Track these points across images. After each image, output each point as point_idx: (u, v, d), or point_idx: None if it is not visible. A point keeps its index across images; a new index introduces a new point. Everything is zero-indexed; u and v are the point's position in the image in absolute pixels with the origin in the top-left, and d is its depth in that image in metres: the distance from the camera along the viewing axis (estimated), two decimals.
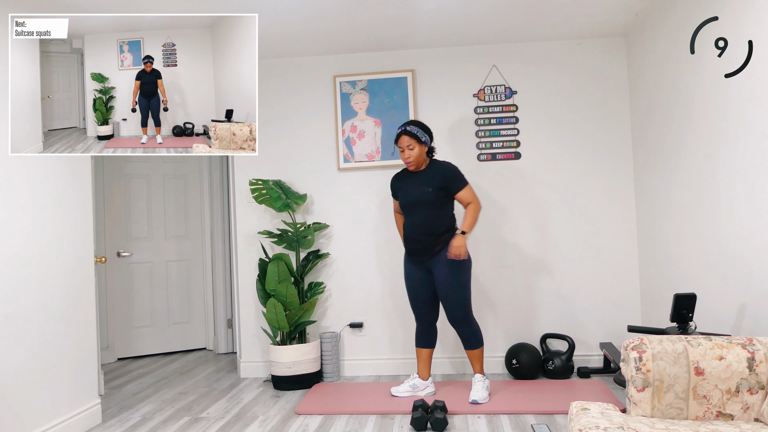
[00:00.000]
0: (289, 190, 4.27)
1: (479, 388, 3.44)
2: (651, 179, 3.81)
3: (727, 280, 2.86)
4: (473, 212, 3.45)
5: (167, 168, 5.46)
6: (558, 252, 4.21)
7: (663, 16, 3.45)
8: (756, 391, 1.92)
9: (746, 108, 2.60)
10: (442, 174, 3.46)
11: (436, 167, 3.51)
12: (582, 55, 4.22)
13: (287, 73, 4.42)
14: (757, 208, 2.57)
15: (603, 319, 4.18)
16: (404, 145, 3.47)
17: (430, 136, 3.52)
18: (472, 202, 3.46)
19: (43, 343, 2.95)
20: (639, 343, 2.04)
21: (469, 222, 3.43)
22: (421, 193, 3.45)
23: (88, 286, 3.35)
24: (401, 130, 3.49)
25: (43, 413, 2.93)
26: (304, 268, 4.21)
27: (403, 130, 3.48)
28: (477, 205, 3.47)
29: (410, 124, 3.50)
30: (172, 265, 5.44)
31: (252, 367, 4.41)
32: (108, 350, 5.11)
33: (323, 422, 3.26)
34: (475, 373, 3.53)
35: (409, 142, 3.45)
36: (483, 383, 3.47)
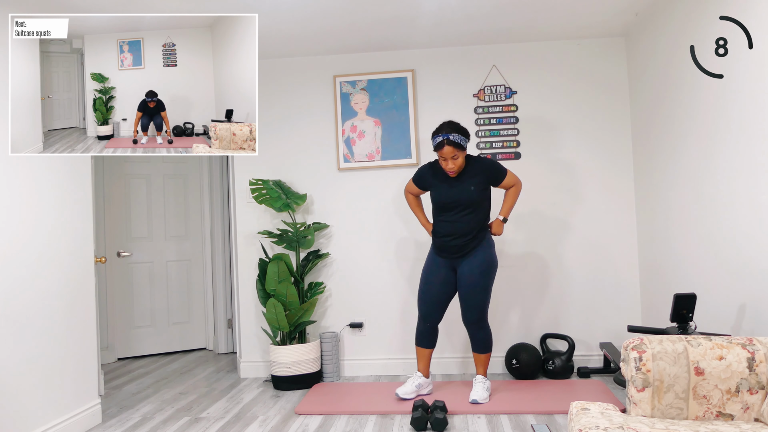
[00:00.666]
0: (289, 190, 4.27)
1: (480, 389, 3.43)
2: (651, 179, 3.81)
3: (727, 280, 2.86)
4: (514, 195, 3.49)
5: (167, 168, 5.46)
6: (558, 252, 4.21)
7: (663, 16, 3.45)
8: (756, 391, 1.92)
9: (746, 107, 2.60)
10: (483, 172, 3.40)
11: (475, 164, 3.42)
12: (582, 55, 4.22)
13: (287, 73, 4.42)
14: (757, 208, 2.56)
15: (603, 319, 4.18)
16: (448, 155, 3.29)
17: (468, 136, 3.36)
18: (515, 185, 3.48)
19: (43, 343, 2.95)
20: (639, 343, 2.04)
21: (509, 206, 3.48)
22: (463, 192, 3.37)
23: (88, 286, 3.35)
24: (443, 140, 3.27)
25: (43, 413, 2.93)
26: (304, 268, 4.21)
27: (447, 140, 3.27)
28: (519, 186, 3.50)
29: (450, 130, 3.29)
30: (172, 265, 5.44)
31: (252, 367, 4.41)
32: (108, 350, 5.11)
33: (323, 422, 3.26)
34: (477, 374, 3.53)
35: (453, 152, 3.28)
36: (484, 384, 3.47)
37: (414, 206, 3.69)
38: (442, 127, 3.34)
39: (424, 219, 3.67)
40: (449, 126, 3.32)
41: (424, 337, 3.59)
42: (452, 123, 3.33)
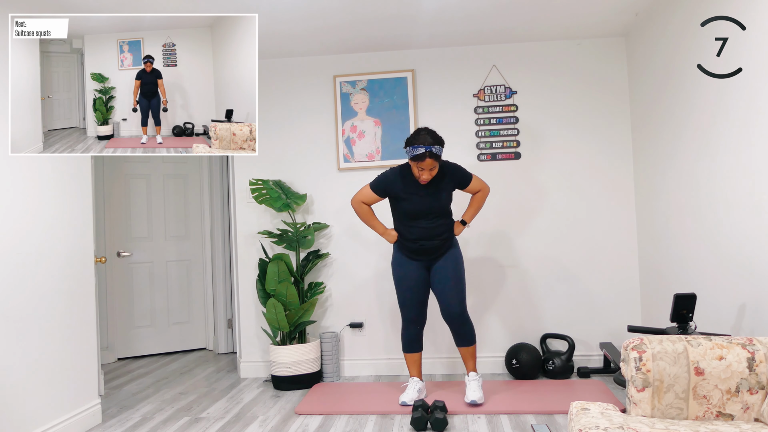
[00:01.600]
0: (289, 190, 4.27)
1: (476, 387, 3.40)
2: (651, 179, 3.81)
3: (727, 280, 2.86)
4: (481, 200, 3.51)
5: (167, 168, 5.46)
6: (558, 252, 4.21)
7: (663, 16, 3.45)
8: (756, 391, 1.92)
9: (747, 107, 2.60)
10: (452, 178, 3.41)
11: (444, 171, 3.40)
12: (582, 55, 4.22)
13: (287, 73, 4.42)
14: (757, 207, 2.56)
15: (603, 319, 4.18)
16: (427, 167, 3.23)
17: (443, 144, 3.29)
18: (482, 190, 3.50)
19: (43, 343, 2.95)
20: (639, 343, 2.04)
21: (473, 212, 3.51)
22: (435, 201, 3.35)
23: (88, 286, 3.35)
24: (426, 152, 3.18)
25: (43, 413, 2.93)
26: (304, 268, 4.21)
27: (429, 152, 3.18)
28: (486, 192, 3.52)
29: (432, 141, 3.19)
30: (172, 265, 5.44)
31: (252, 367, 4.41)
32: (108, 350, 5.11)
33: (323, 422, 3.26)
34: (470, 372, 3.48)
35: (433, 164, 3.23)
36: (479, 382, 3.45)
37: (368, 216, 3.50)
38: (422, 137, 3.21)
39: (382, 227, 3.50)
40: (429, 136, 3.21)
41: (414, 342, 3.55)
42: (431, 132, 3.24)
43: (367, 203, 3.48)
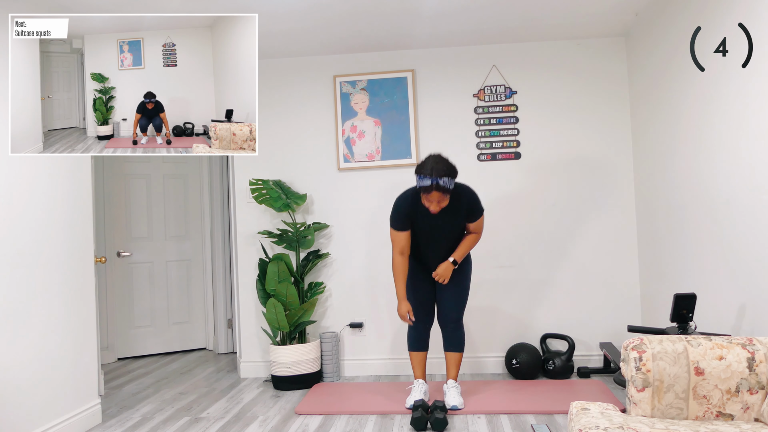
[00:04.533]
0: (289, 190, 4.27)
1: (456, 394, 3.39)
2: (651, 178, 3.81)
3: (727, 280, 2.86)
4: (473, 243, 3.38)
5: (167, 168, 5.46)
6: (558, 252, 4.21)
7: (663, 16, 3.45)
8: (756, 391, 1.92)
9: (747, 107, 2.60)
10: (467, 202, 3.25)
11: (459, 200, 3.23)
12: (582, 55, 4.22)
13: (287, 73, 4.42)
14: (757, 207, 2.56)
15: (603, 319, 4.18)
16: (434, 199, 3.04)
17: (456, 175, 3.05)
18: (478, 234, 3.39)
19: (43, 343, 2.95)
20: (639, 343, 2.04)
21: (463, 252, 3.34)
22: (446, 230, 3.29)
23: (88, 286, 3.35)
24: (432, 184, 2.96)
25: (43, 413, 2.93)
26: (304, 268, 4.21)
27: (436, 185, 2.96)
28: (480, 236, 3.41)
29: (440, 174, 2.95)
30: (172, 265, 5.44)
31: (252, 367, 4.41)
32: (108, 350, 5.11)
33: (323, 422, 3.26)
34: (449, 379, 3.48)
35: (440, 197, 3.04)
36: (458, 389, 3.44)
37: (399, 274, 3.26)
38: (432, 167, 2.99)
39: (402, 293, 3.30)
40: (440, 166, 2.98)
41: (420, 341, 3.53)
42: (441, 160, 3.00)
43: (403, 247, 3.27)
